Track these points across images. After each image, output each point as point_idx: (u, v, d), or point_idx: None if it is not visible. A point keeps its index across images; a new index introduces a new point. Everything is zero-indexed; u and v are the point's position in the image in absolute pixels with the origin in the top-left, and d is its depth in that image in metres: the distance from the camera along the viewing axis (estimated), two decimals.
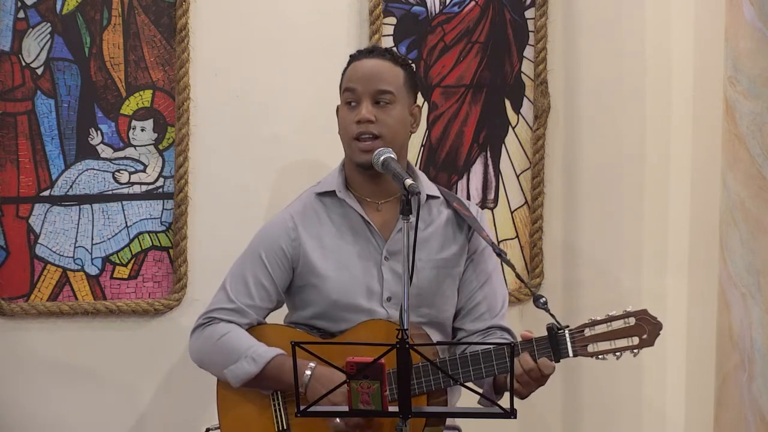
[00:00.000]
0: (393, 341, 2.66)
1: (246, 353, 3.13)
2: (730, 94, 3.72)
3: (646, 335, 3.04)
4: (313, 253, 3.21)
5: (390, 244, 3.22)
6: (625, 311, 3.05)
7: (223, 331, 3.19)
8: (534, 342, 3.04)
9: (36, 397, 3.71)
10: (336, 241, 3.22)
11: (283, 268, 3.23)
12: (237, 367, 3.13)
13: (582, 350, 3.04)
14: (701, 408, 3.98)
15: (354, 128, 3.17)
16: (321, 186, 3.29)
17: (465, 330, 3.29)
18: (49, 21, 3.66)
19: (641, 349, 3.05)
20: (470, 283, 3.30)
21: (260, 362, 3.12)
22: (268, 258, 3.22)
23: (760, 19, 3.59)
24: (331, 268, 3.20)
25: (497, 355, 3.05)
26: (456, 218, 3.29)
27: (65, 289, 3.71)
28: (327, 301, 3.19)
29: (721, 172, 3.80)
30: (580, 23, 4.00)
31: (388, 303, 3.21)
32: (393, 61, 3.25)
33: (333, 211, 3.25)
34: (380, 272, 3.21)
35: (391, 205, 3.26)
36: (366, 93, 3.19)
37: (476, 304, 3.30)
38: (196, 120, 3.75)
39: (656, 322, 3.05)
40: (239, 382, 3.14)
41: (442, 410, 3.04)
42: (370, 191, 3.25)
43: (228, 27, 3.77)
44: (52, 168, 3.69)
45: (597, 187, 4.05)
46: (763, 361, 3.62)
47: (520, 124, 3.99)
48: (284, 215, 3.27)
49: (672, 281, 4.09)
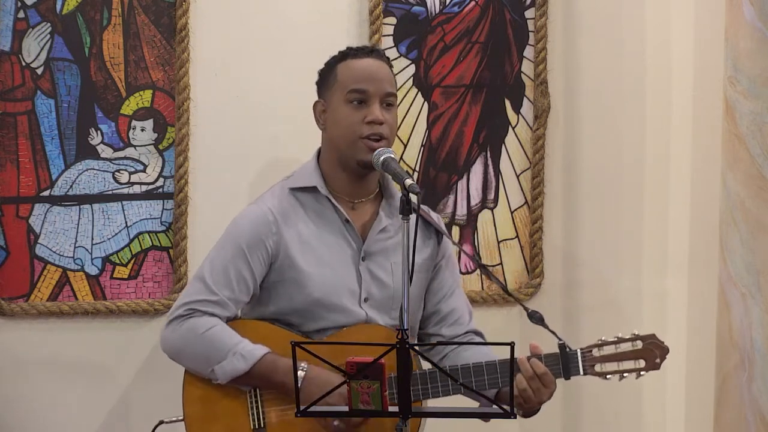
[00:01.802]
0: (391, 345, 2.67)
1: (234, 349, 3.10)
2: (730, 94, 3.71)
3: (654, 359, 3.08)
4: (294, 248, 3.18)
5: (368, 245, 3.21)
6: (633, 334, 3.09)
7: (207, 324, 3.14)
8: (543, 358, 3.06)
9: (36, 397, 3.71)
10: (315, 238, 3.20)
11: (263, 262, 3.18)
12: (227, 364, 3.09)
13: (590, 369, 3.08)
14: (701, 408, 3.98)
15: (364, 128, 3.15)
16: (295, 181, 3.25)
17: (442, 335, 3.29)
18: (49, 21, 3.66)
19: (648, 371, 3.09)
20: (442, 289, 3.31)
21: (250, 360, 3.09)
22: (250, 251, 3.17)
23: (760, 19, 3.59)
24: (313, 265, 3.17)
25: (501, 368, 3.06)
26: (424, 224, 3.28)
27: (65, 289, 3.71)
28: (308, 299, 3.16)
29: (721, 172, 3.79)
30: (580, 23, 4.00)
31: (365, 303, 3.20)
32: (387, 63, 3.26)
33: (309, 207, 3.22)
34: (358, 272, 3.20)
35: (365, 205, 3.25)
36: (376, 94, 3.17)
37: (451, 309, 3.30)
38: (196, 120, 3.75)
39: (664, 347, 3.10)
40: (227, 379, 3.11)
41: (442, 410, 3.04)
42: (350, 190, 3.23)
43: (228, 27, 3.77)
44: (52, 168, 3.69)
45: (597, 187, 4.05)
46: (763, 361, 3.62)
47: (520, 124, 3.99)
48: (262, 208, 3.21)
49: (672, 281, 4.09)
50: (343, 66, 3.22)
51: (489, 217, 3.98)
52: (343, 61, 3.23)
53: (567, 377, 3.07)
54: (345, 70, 3.22)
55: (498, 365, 3.06)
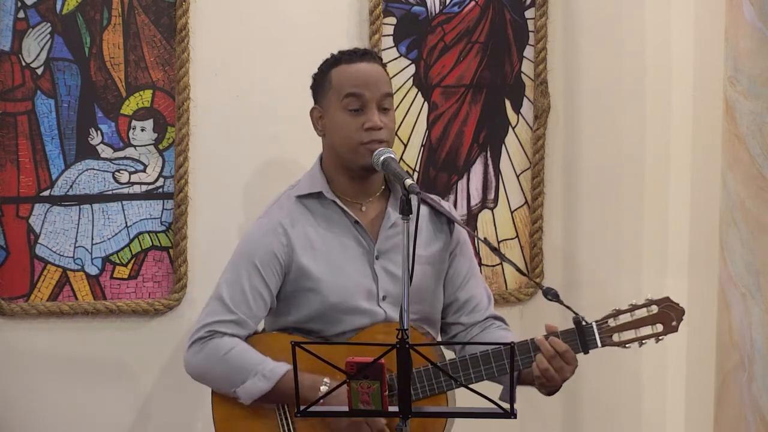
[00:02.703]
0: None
1: (256, 369, 3.10)
2: (730, 94, 3.72)
3: (671, 321, 3.06)
4: (305, 257, 3.18)
5: (380, 243, 3.21)
6: (647, 299, 3.08)
7: (228, 345, 3.14)
8: (560, 335, 3.05)
9: (36, 397, 3.71)
10: (326, 244, 3.20)
11: (277, 275, 3.19)
12: (250, 385, 3.09)
13: (608, 340, 3.07)
14: (701, 408, 3.98)
15: (363, 135, 3.14)
16: (300, 188, 3.25)
17: (462, 324, 3.29)
18: (49, 21, 3.66)
19: (666, 335, 3.07)
20: (458, 276, 3.30)
21: (272, 379, 3.09)
22: (263, 266, 3.17)
23: (760, 19, 3.59)
24: (326, 272, 3.18)
25: (520, 349, 3.05)
26: (435, 214, 3.28)
27: (65, 289, 3.71)
28: (325, 305, 3.17)
29: (721, 172, 3.79)
30: (580, 23, 4.00)
31: (384, 302, 3.20)
32: (381, 64, 3.26)
33: (317, 213, 3.22)
34: (373, 271, 3.21)
35: (373, 204, 3.24)
36: (373, 99, 3.16)
37: (469, 296, 3.30)
38: (196, 120, 3.75)
39: (679, 308, 3.08)
40: (250, 399, 3.11)
41: (442, 410, 3.04)
42: (355, 192, 3.23)
43: (228, 27, 3.77)
44: (52, 168, 3.69)
45: (597, 187, 4.05)
46: (763, 361, 3.62)
47: (520, 124, 3.99)
48: (270, 222, 3.21)
49: (672, 281, 4.09)
50: (337, 72, 3.20)
51: (489, 217, 3.98)
52: (336, 66, 3.21)
53: (586, 351, 3.06)
54: (339, 75, 3.20)
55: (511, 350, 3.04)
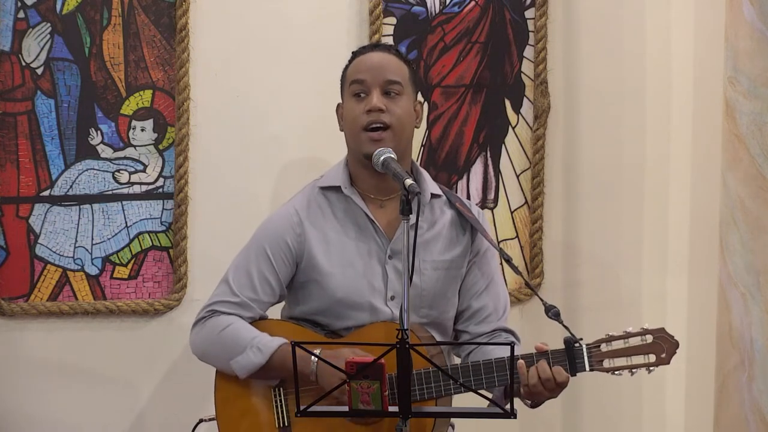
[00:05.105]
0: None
1: (251, 343, 3.11)
2: (730, 94, 3.72)
3: (663, 354, 3.02)
4: (317, 248, 3.19)
5: (394, 243, 3.20)
6: (642, 329, 3.03)
7: (225, 323, 3.16)
8: (549, 354, 3.01)
9: (36, 397, 3.71)
10: (340, 238, 3.20)
11: (288, 263, 3.21)
12: (243, 358, 3.11)
13: (598, 365, 3.03)
14: (701, 408, 3.98)
15: (364, 118, 3.14)
16: (325, 180, 3.26)
17: (469, 333, 3.28)
18: (49, 21, 3.66)
19: (657, 367, 3.02)
20: (474, 286, 3.29)
21: (266, 352, 3.10)
22: (273, 252, 3.20)
23: (760, 19, 3.59)
24: (336, 265, 3.19)
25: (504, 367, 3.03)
26: (459, 219, 3.28)
27: (65, 289, 3.71)
28: (331, 299, 3.18)
29: (721, 172, 3.80)
30: (580, 23, 4.00)
31: (391, 302, 3.20)
32: (398, 56, 3.24)
33: (337, 206, 3.23)
34: (384, 271, 3.20)
35: (394, 203, 3.23)
36: (375, 83, 3.16)
37: (481, 306, 3.28)
38: (196, 120, 3.75)
39: (674, 341, 3.03)
40: (245, 373, 3.12)
41: (442, 410, 3.04)
42: (375, 188, 3.22)
43: (228, 27, 3.77)
44: (52, 168, 3.69)
45: (597, 187, 4.05)
46: (763, 361, 3.62)
47: (520, 124, 3.99)
48: (289, 209, 3.24)
49: (672, 281, 4.09)
50: (351, 64, 3.24)
51: (489, 217, 3.98)
52: (353, 60, 3.24)
53: (573, 374, 3.03)
54: (351, 67, 3.23)
55: (502, 363, 3.03)
